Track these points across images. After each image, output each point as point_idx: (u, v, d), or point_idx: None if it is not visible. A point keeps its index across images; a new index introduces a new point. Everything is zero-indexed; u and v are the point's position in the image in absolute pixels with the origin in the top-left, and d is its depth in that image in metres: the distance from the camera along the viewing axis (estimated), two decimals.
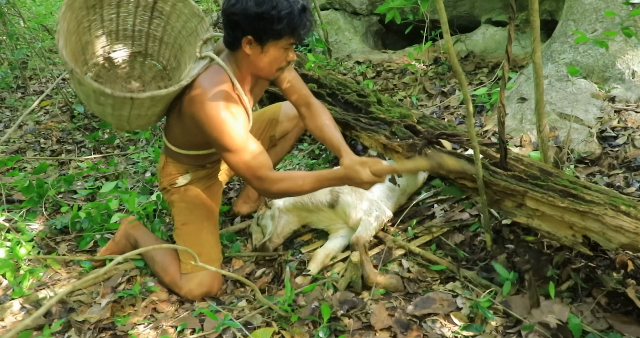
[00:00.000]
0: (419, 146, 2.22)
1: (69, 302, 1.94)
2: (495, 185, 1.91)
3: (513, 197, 1.87)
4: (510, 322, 1.76)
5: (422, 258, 2.11)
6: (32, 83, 4.93)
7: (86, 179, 2.93)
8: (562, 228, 1.77)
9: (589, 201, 1.69)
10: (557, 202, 1.73)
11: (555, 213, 1.75)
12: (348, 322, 1.81)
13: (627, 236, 1.57)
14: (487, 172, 1.96)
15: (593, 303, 1.77)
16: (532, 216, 1.84)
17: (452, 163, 1.70)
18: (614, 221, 1.60)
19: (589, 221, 1.67)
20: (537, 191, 1.80)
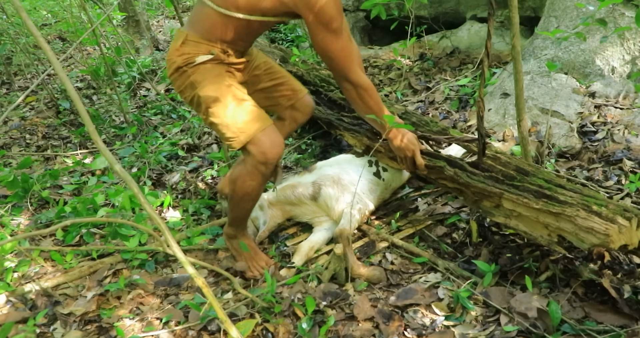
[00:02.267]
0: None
1: (55, 295, 1.96)
2: (473, 187, 1.94)
3: (490, 198, 1.90)
4: (489, 312, 1.80)
5: (405, 251, 2.15)
6: (17, 79, 4.90)
7: (72, 174, 2.94)
8: (538, 228, 1.80)
9: (563, 202, 1.72)
10: (531, 204, 1.76)
11: (530, 214, 1.78)
12: (331, 312, 1.84)
13: (597, 237, 1.61)
14: (465, 173, 1.99)
15: (569, 293, 1.81)
16: (509, 217, 1.87)
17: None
18: (585, 222, 1.64)
19: (562, 222, 1.70)
20: (512, 192, 1.83)
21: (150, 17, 5.69)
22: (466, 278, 1.94)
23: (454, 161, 2.07)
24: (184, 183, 2.78)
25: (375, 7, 3.50)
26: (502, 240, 2.13)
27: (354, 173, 2.36)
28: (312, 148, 3.01)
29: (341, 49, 1.85)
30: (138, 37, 5.20)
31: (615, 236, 1.60)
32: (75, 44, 2.55)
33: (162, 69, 4.46)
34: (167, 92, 4.06)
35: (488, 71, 2.02)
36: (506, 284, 1.90)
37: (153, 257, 2.22)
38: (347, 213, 2.19)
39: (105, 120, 3.66)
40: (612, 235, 1.59)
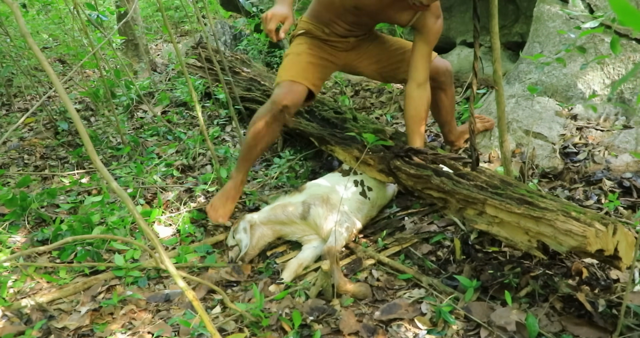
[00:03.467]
0: (387, 159, 2.33)
1: (49, 310, 2.01)
2: (459, 194, 2.02)
3: (474, 205, 1.98)
4: (470, 326, 1.86)
5: (390, 268, 2.21)
6: (17, 100, 5.00)
7: (69, 193, 3.01)
8: (518, 234, 1.88)
9: (543, 208, 1.81)
10: (513, 209, 1.84)
11: (512, 219, 1.86)
12: (318, 327, 1.89)
13: (575, 239, 1.69)
14: (451, 182, 2.08)
15: (547, 308, 1.87)
16: (491, 223, 1.95)
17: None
18: (564, 225, 1.71)
19: (542, 226, 1.78)
20: (495, 198, 1.92)
21: (149, 41, 5.82)
22: (449, 293, 2.00)
23: (441, 170, 2.17)
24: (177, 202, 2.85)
25: None
26: (485, 257, 2.19)
27: (342, 192, 2.44)
28: (305, 168, 3.09)
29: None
30: (137, 60, 5.33)
31: (592, 239, 1.67)
32: (77, 67, 2.64)
33: (159, 91, 4.56)
34: (163, 114, 4.15)
35: (476, 90, 2.12)
36: (487, 299, 1.97)
37: (146, 274, 2.28)
38: (336, 231, 2.26)
39: (103, 141, 3.74)
40: (589, 237, 1.66)
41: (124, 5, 4.66)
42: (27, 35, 1.18)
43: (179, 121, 4.04)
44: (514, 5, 4.08)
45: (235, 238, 2.36)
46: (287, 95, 2.38)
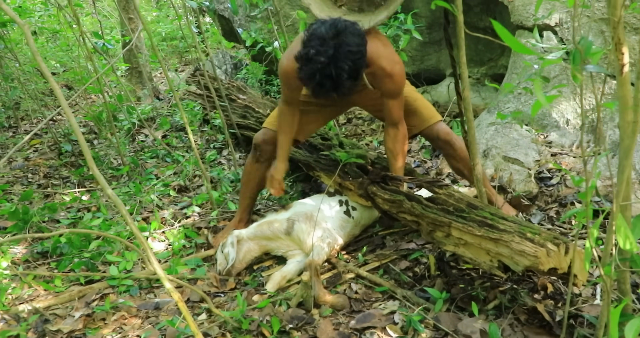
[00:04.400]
0: (364, 184, 2.50)
1: (45, 315, 2.14)
2: (427, 217, 2.18)
3: (441, 227, 2.13)
4: (439, 335, 1.98)
5: (369, 281, 2.34)
6: (23, 123, 5.20)
7: (69, 210, 3.16)
8: (481, 255, 2.02)
9: (502, 230, 1.95)
10: (475, 231, 1.99)
11: (474, 241, 2.01)
12: (297, 334, 2.02)
13: (528, 259, 1.83)
14: (420, 206, 2.23)
15: (512, 319, 2.00)
16: (458, 245, 2.10)
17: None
18: (518, 246, 1.86)
19: (500, 247, 1.92)
20: (459, 222, 2.07)
21: (153, 69, 6.06)
22: (421, 305, 2.12)
23: (413, 196, 2.32)
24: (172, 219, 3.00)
25: None
26: (459, 273, 2.33)
27: (326, 210, 2.59)
28: (295, 190, 3.25)
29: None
30: (140, 87, 5.55)
31: (543, 258, 1.81)
32: (80, 90, 2.83)
33: (160, 116, 4.76)
34: (163, 138, 4.33)
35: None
36: (456, 310, 2.09)
37: (138, 283, 2.41)
38: (318, 246, 2.40)
39: (104, 162, 3.91)
40: (540, 257, 1.80)
41: (129, 34, 4.90)
42: (35, 54, 1.36)
43: (177, 144, 4.22)
44: (499, 39, 4.28)
45: (224, 252, 2.50)
46: (262, 137, 2.73)
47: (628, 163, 1.53)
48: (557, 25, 3.19)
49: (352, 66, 2.06)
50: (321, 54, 2.03)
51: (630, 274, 2.24)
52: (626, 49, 1.36)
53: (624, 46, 1.35)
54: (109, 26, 7.94)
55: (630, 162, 1.54)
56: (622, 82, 1.42)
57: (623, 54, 1.36)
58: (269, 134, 2.72)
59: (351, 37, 2.08)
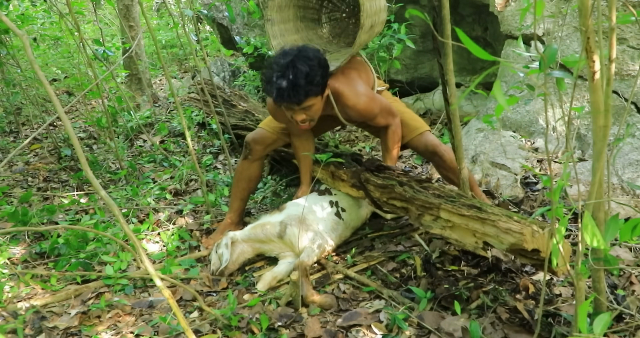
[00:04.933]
0: (358, 173, 2.58)
1: (42, 312, 2.21)
2: (417, 200, 2.27)
3: (430, 210, 2.22)
4: (422, 332, 2.05)
5: (357, 282, 2.41)
6: (24, 128, 5.28)
7: (67, 212, 3.24)
8: (467, 236, 2.11)
9: (489, 213, 2.05)
10: (463, 211, 2.08)
11: (462, 222, 2.10)
12: (285, 331, 2.09)
13: (514, 236, 1.91)
14: (412, 190, 2.33)
15: (494, 318, 2.07)
16: (445, 228, 2.19)
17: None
18: (505, 224, 1.95)
19: (487, 227, 2.01)
20: (449, 203, 2.17)
21: (152, 75, 6.15)
22: (406, 304, 2.19)
23: (405, 182, 2.41)
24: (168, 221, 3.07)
25: None
26: (444, 274, 2.39)
27: (318, 212, 2.66)
28: (288, 194, 3.32)
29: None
30: (140, 93, 5.64)
31: (528, 236, 1.89)
32: (79, 96, 2.91)
33: (159, 122, 4.85)
34: (161, 143, 4.42)
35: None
36: (440, 310, 2.16)
37: (133, 283, 2.48)
38: (308, 248, 2.47)
39: (102, 166, 3.99)
40: (526, 234, 1.88)
41: (130, 41, 5.00)
42: (33, 62, 1.44)
43: (175, 149, 4.30)
44: (492, 48, 4.38)
45: (217, 253, 2.57)
46: (255, 135, 2.87)
47: (600, 166, 1.61)
48: (545, 35, 3.27)
49: (309, 70, 2.27)
50: (280, 62, 2.29)
51: (610, 275, 2.32)
52: (597, 56, 1.44)
53: (595, 54, 1.43)
54: (110, 34, 8.06)
55: (602, 165, 1.62)
56: (594, 88, 1.50)
57: (594, 62, 1.45)
58: (260, 133, 2.85)
59: (310, 50, 2.35)
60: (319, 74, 2.31)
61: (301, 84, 2.26)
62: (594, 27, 1.44)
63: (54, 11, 4.73)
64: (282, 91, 2.28)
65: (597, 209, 1.73)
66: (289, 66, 2.27)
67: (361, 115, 2.58)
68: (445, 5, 2.33)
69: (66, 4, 3.16)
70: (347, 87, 2.52)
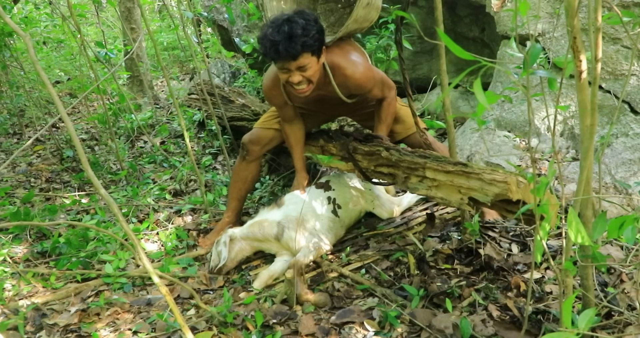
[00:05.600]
0: (347, 143, 2.65)
1: (43, 309, 2.26)
2: (403, 161, 2.33)
3: (416, 171, 2.26)
4: (414, 329, 2.08)
5: (351, 280, 2.45)
6: (27, 130, 5.35)
7: (69, 212, 3.29)
8: (453, 193, 2.14)
9: (475, 167, 2.08)
10: (448, 167, 2.12)
11: (447, 179, 2.13)
12: (279, 328, 2.13)
13: (498, 186, 1.93)
14: (397, 153, 2.39)
15: (485, 315, 2.10)
16: (430, 188, 2.22)
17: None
18: (490, 176, 1.98)
19: (472, 181, 2.04)
20: (434, 162, 2.21)
21: (153, 77, 6.21)
22: (399, 302, 2.23)
23: (390, 147, 2.48)
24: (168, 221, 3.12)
25: None
26: (437, 273, 2.43)
27: (316, 208, 2.70)
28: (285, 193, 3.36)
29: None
30: (141, 95, 5.69)
31: (513, 186, 1.92)
32: (81, 97, 2.97)
33: (160, 124, 4.90)
34: (162, 144, 4.47)
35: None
36: (432, 307, 2.20)
37: (131, 281, 2.53)
38: (305, 248, 2.51)
39: (103, 167, 4.05)
40: (510, 183, 1.91)
41: (131, 43, 5.05)
42: (35, 63, 1.49)
43: (175, 150, 4.35)
44: (489, 49, 4.41)
45: (217, 250, 2.61)
46: (251, 136, 2.92)
47: (587, 164, 1.64)
48: (540, 35, 3.31)
49: (305, 24, 2.26)
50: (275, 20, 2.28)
51: (600, 273, 2.35)
52: (584, 56, 1.47)
53: (581, 54, 1.46)
54: (113, 36, 8.12)
55: (590, 163, 1.65)
56: (581, 87, 1.53)
57: (581, 61, 1.48)
58: (255, 134, 2.90)
59: (305, 13, 2.33)
60: (315, 29, 2.28)
61: (297, 34, 2.22)
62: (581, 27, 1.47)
63: (56, 14, 4.79)
64: (277, 44, 2.23)
65: (585, 207, 1.76)
66: (284, 21, 2.25)
67: (359, 85, 2.55)
68: (438, 7, 2.37)
69: (67, 6, 3.21)
70: (343, 58, 2.51)
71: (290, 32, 2.22)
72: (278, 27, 2.24)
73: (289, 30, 2.22)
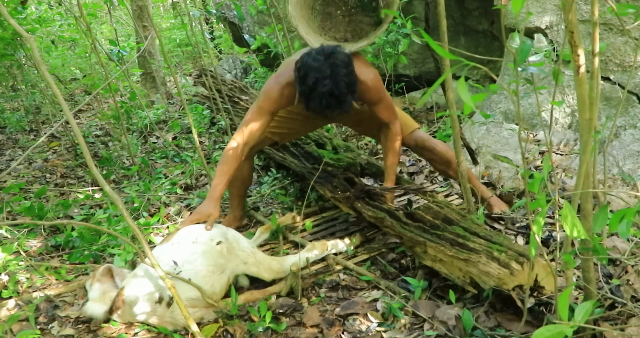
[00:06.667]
0: (350, 200, 2.65)
1: (55, 301, 2.32)
2: (405, 236, 2.34)
3: (419, 245, 2.28)
4: (417, 321, 2.11)
5: (356, 272, 2.48)
6: (44, 127, 5.46)
7: (82, 207, 3.36)
8: (455, 271, 2.16)
9: (471, 249, 2.09)
10: (447, 251, 2.14)
11: (448, 259, 2.15)
12: (284, 319, 2.17)
13: (493, 280, 1.98)
14: (399, 224, 2.39)
15: (488, 307, 2.12)
16: (435, 261, 2.24)
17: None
18: (485, 267, 2.00)
19: (470, 267, 2.07)
20: (434, 241, 2.21)
21: (166, 74, 6.28)
22: (402, 294, 2.26)
23: (393, 212, 2.46)
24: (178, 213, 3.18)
25: None
26: None
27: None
28: (293, 188, 3.40)
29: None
30: (154, 91, 5.77)
31: (507, 279, 1.95)
32: (93, 94, 3.03)
33: (172, 119, 4.97)
34: (174, 140, 4.53)
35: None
36: (436, 299, 2.22)
37: None
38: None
39: (116, 163, 4.12)
40: (503, 278, 1.94)
41: (143, 41, 5.12)
42: (40, 64, 1.53)
43: (186, 145, 4.41)
44: (499, 42, 4.40)
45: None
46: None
47: (586, 157, 1.65)
48: (548, 28, 3.29)
49: (347, 81, 2.30)
50: (320, 80, 2.25)
51: (605, 265, 2.35)
52: (582, 51, 1.48)
53: (579, 48, 1.47)
54: (127, 33, 8.21)
55: (589, 156, 1.66)
56: (580, 81, 1.54)
57: (578, 56, 1.49)
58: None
59: (340, 56, 2.32)
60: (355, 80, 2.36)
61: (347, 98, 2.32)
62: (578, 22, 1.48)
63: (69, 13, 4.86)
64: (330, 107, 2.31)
65: (585, 200, 1.76)
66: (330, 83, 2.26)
67: (370, 92, 2.55)
68: (441, 2, 2.38)
69: (78, 6, 3.27)
70: (357, 63, 2.49)
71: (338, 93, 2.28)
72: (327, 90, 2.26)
73: (337, 93, 2.28)
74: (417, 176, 3.49)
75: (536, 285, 2.01)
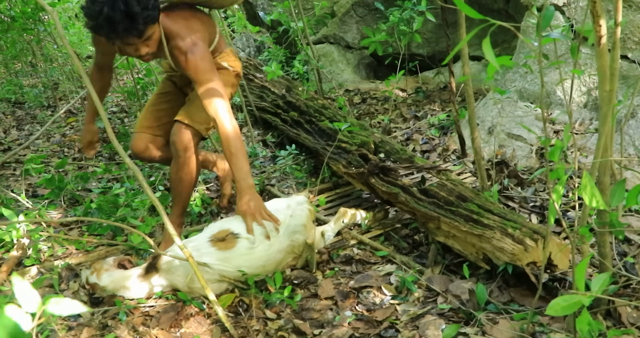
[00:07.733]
0: (364, 176, 2.67)
1: (77, 270, 2.38)
2: (418, 211, 2.36)
3: (432, 221, 2.30)
4: (431, 295, 2.14)
5: (370, 247, 2.51)
6: (61, 103, 5.50)
7: (100, 180, 3.42)
8: (468, 247, 2.18)
9: (485, 225, 2.11)
10: (460, 226, 2.16)
11: (461, 235, 2.18)
12: (300, 291, 2.21)
13: (507, 255, 2.00)
14: (413, 200, 2.41)
15: (501, 282, 2.14)
16: (447, 237, 2.26)
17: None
18: (498, 243, 2.02)
19: (483, 242, 2.09)
20: (448, 216, 2.24)
21: None
22: (417, 268, 2.29)
23: (407, 188, 2.47)
24: None
25: (372, 44, 3.97)
26: None
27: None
28: (307, 164, 3.43)
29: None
30: None
31: (521, 255, 1.97)
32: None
33: None
34: None
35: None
36: (450, 274, 2.25)
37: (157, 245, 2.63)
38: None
39: None
40: (517, 254, 1.97)
41: None
42: (63, 37, 1.56)
43: None
44: (514, 20, 4.35)
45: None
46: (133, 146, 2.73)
47: (605, 129, 1.65)
48: (565, 5, 3.26)
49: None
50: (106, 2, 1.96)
51: (620, 243, 2.37)
52: (604, 21, 1.47)
53: (601, 19, 1.46)
54: None
55: (608, 128, 1.66)
56: (600, 53, 1.54)
57: (600, 26, 1.48)
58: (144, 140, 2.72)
59: None
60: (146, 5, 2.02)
61: (136, 12, 1.98)
62: None
63: None
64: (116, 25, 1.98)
65: (603, 174, 1.75)
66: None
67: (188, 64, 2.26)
68: None
69: None
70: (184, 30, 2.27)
71: (127, 9, 1.96)
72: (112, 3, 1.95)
73: (125, 9, 1.96)
74: (429, 154, 3.49)
75: (549, 263, 2.03)
